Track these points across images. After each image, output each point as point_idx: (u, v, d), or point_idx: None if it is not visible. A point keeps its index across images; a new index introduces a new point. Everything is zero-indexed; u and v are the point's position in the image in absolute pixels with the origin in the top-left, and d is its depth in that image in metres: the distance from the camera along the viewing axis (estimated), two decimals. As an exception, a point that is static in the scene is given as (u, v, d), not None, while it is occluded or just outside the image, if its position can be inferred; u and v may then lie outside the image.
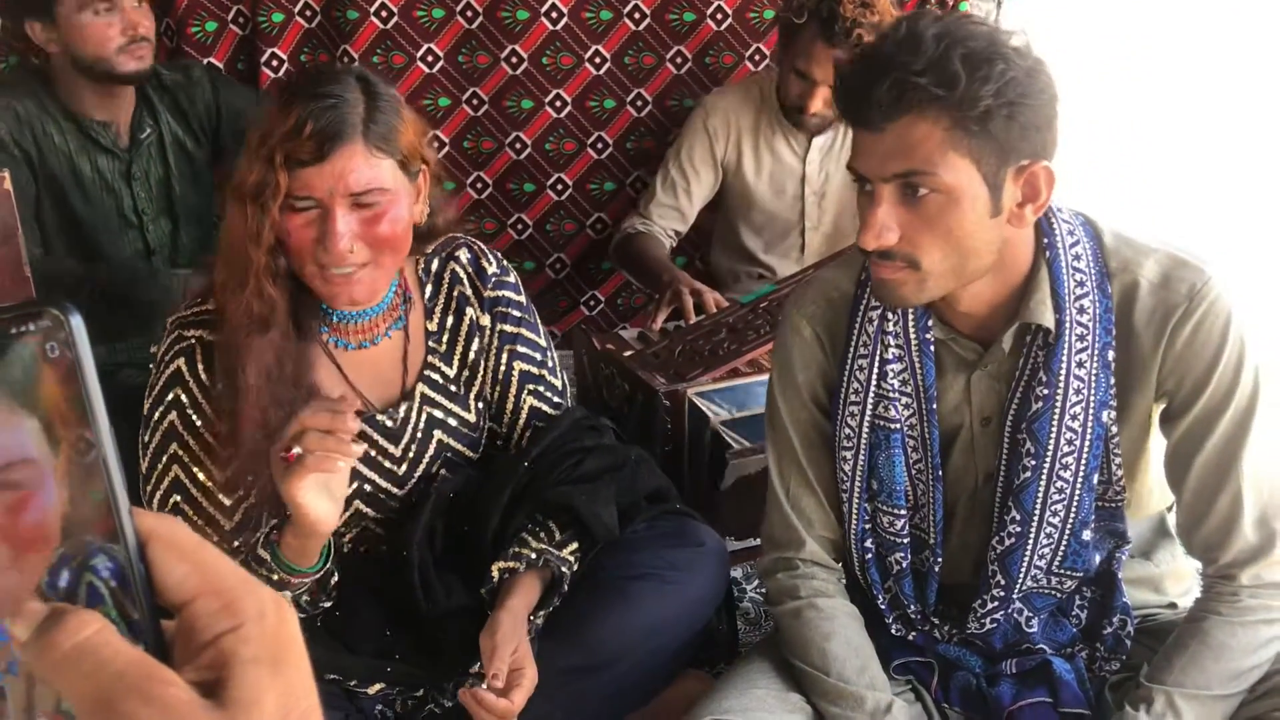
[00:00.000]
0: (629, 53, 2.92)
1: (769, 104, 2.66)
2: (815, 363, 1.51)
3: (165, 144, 2.43)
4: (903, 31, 1.23)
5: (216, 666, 0.41)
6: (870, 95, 1.23)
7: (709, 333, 2.25)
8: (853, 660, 1.44)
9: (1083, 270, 1.36)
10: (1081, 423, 1.36)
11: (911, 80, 1.21)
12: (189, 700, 0.40)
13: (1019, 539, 1.40)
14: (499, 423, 1.73)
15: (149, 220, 2.41)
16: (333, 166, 1.43)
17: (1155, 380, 1.37)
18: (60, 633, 0.40)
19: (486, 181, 2.96)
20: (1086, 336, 1.35)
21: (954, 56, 1.21)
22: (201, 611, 0.42)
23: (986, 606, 1.44)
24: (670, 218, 2.69)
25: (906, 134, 1.24)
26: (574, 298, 3.13)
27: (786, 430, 1.53)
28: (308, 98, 1.44)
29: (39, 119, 2.28)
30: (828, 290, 1.52)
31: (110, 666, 0.40)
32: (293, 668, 0.43)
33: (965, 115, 1.22)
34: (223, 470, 1.50)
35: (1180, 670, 1.37)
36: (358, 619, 1.57)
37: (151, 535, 0.44)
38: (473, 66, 2.84)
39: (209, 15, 2.67)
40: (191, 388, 1.53)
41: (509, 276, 1.74)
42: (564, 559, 1.58)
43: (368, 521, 1.65)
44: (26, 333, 0.42)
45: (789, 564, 1.53)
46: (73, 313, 0.42)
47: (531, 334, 1.73)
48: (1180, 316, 1.34)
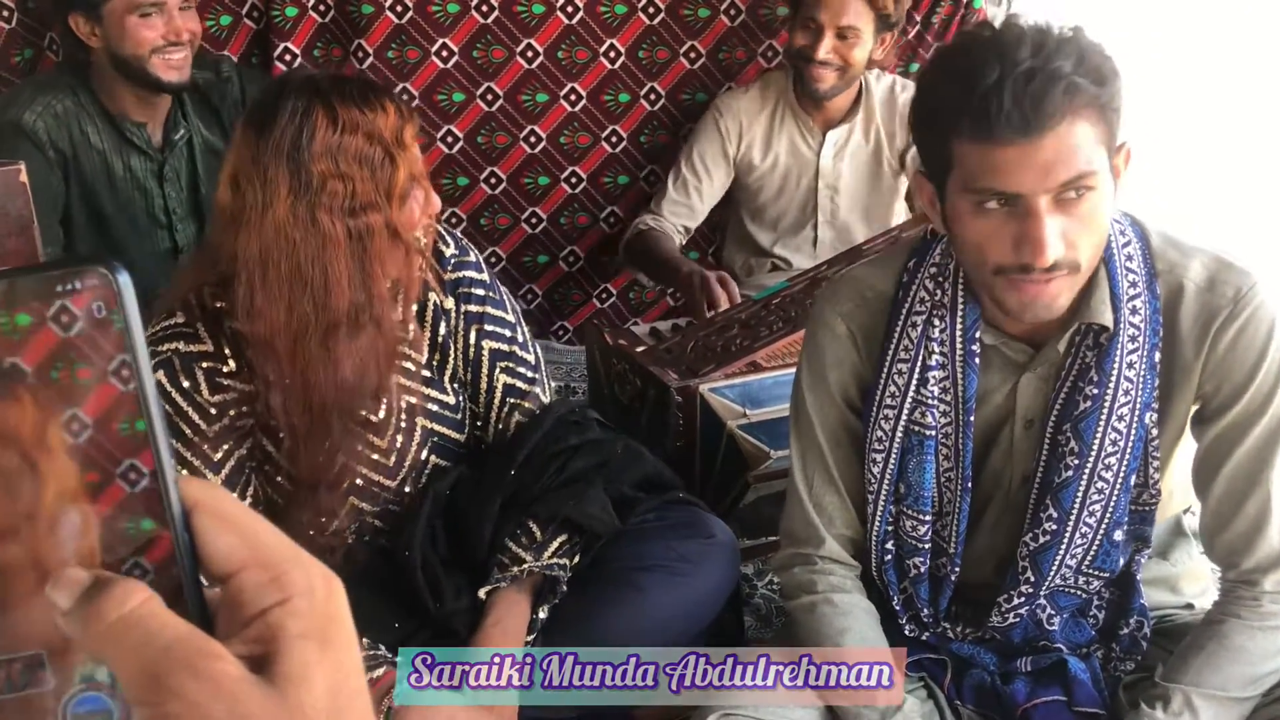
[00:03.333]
0: (643, 47, 2.92)
1: (783, 100, 2.66)
2: (848, 361, 1.49)
3: (195, 146, 2.44)
4: (1037, 36, 1.20)
5: (264, 641, 0.40)
6: (1043, 102, 1.18)
7: (721, 328, 2.25)
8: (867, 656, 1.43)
9: (1134, 270, 1.35)
10: (1127, 424, 1.35)
11: (1075, 82, 1.19)
12: (239, 676, 0.38)
13: (1054, 537, 1.39)
14: (475, 402, 1.73)
15: (178, 220, 2.43)
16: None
17: (1196, 383, 1.37)
18: (107, 602, 0.39)
19: (500, 176, 2.96)
20: (1138, 337, 1.34)
21: (1093, 53, 1.21)
22: (249, 584, 0.41)
23: (1013, 602, 1.44)
24: (682, 215, 2.70)
25: (1067, 138, 1.20)
26: (587, 291, 3.13)
27: (813, 427, 1.51)
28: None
29: (76, 117, 2.29)
30: (863, 289, 1.49)
31: (159, 639, 0.39)
32: (342, 645, 0.41)
33: (1108, 108, 1.22)
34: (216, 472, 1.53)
35: (1197, 671, 1.36)
36: (367, 612, 1.58)
37: (197, 504, 0.42)
38: (487, 61, 2.84)
39: (223, 9, 2.67)
40: (176, 398, 1.53)
41: (469, 255, 1.73)
42: (549, 563, 1.58)
43: (366, 516, 1.66)
44: (72, 291, 0.40)
45: (807, 560, 1.52)
46: (120, 270, 0.41)
47: (497, 310, 1.73)
48: (1224, 320, 1.33)
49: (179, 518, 0.41)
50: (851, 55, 2.50)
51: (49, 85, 2.31)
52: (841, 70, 2.52)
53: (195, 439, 1.53)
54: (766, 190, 2.72)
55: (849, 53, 2.49)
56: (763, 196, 2.73)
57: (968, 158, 1.24)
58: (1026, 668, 1.47)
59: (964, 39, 1.28)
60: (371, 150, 1.48)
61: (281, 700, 0.39)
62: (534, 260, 3.05)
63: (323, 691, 0.40)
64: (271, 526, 0.43)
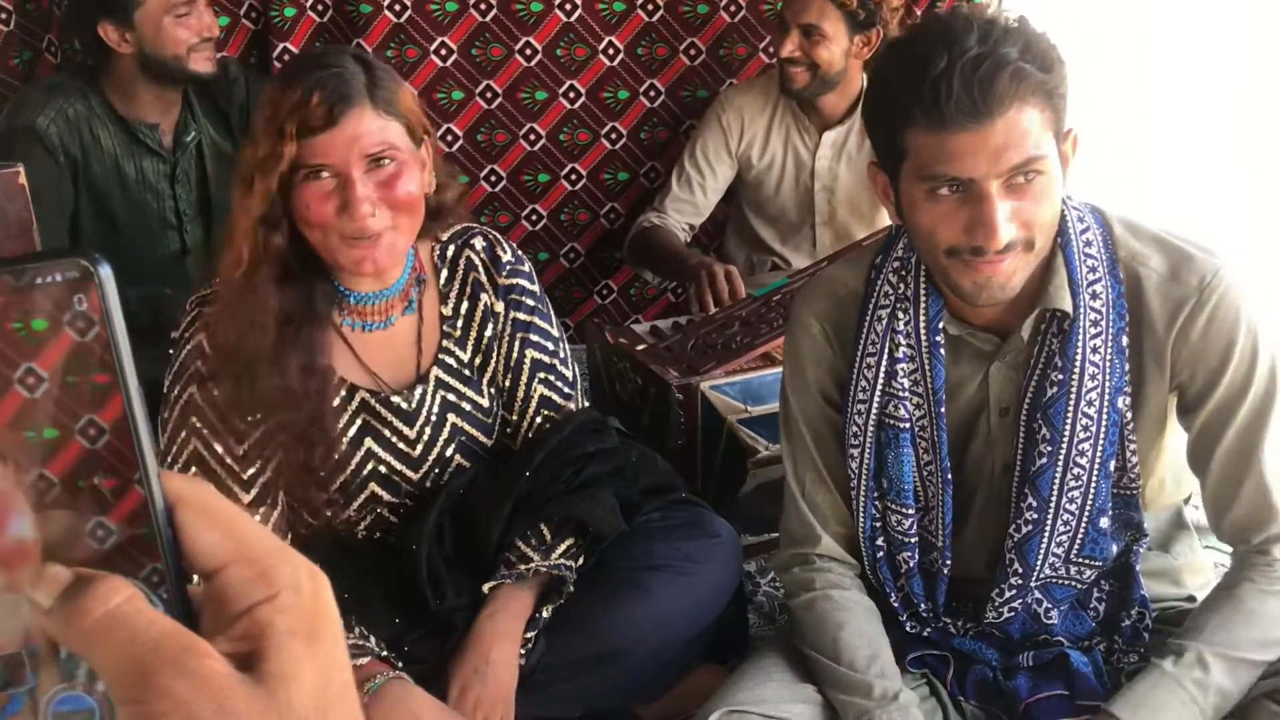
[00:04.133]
0: (642, 44, 2.92)
1: (783, 99, 2.66)
2: (825, 359, 1.51)
3: (204, 147, 2.46)
4: (984, 25, 1.23)
5: (251, 638, 0.39)
6: (991, 88, 1.21)
7: (722, 326, 2.25)
8: (863, 649, 1.44)
9: (1094, 256, 1.37)
10: (1097, 409, 1.37)
11: (1022, 68, 1.21)
12: (226, 674, 0.38)
13: (1036, 525, 1.41)
14: (510, 410, 1.74)
15: (188, 222, 2.44)
16: (344, 130, 1.47)
17: (1170, 372, 1.38)
18: (89, 599, 0.38)
19: (500, 174, 2.96)
20: (1100, 322, 1.36)
21: (1039, 41, 1.23)
22: (234, 580, 0.40)
23: (1004, 595, 1.44)
24: (686, 212, 2.70)
25: (1016, 123, 1.23)
26: (588, 287, 3.14)
27: (800, 427, 1.54)
28: (310, 69, 1.49)
29: (88, 121, 2.31)
30: (835, 287, 1.52)
31: (144, 637, 0.38)
32: (329, 641, 0.41)
33: (1054, 94, 1.25)
34: (240, 443, 1.53)
35: (1211, 630, 1.37)
36: (369, 607, 1.58)
37: (180, 499, 0.41)
38: (486, 59, 2.84)
39: (222, 10, 2.67)
40: (212, 362, 1.55)
41: (524, 266, 1.75)
42: (556, 563, 1.59)
43: (382, 507, 1.67)
44: (51, 284, 0.39)
45: (805, 559, 1.54)
46: (102, 263, 0.39)
47: (544, 323, 1.75)
48: (1192, 309, 1.35)
49: (162, 513, 0.41)
50: (819, 54, 2.48)
51: (60, 89, 2.33)
52: (812, 70, 2.51)
53: (223, 402, 1.55)
54: (766, 187, 2.72)
55: (815, 51, 2.48)
56: (762, 194, 2.74)
57: (920, 146, 1.27)
58: (1029, 662, 1.48)
59: (913, 31, 1.32)
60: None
61: (269, 698, 0.38)
62: (534, 258, 3.04)
63: (310, 688, 0.39)
64: (257, 522, 0.42)
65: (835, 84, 2.56)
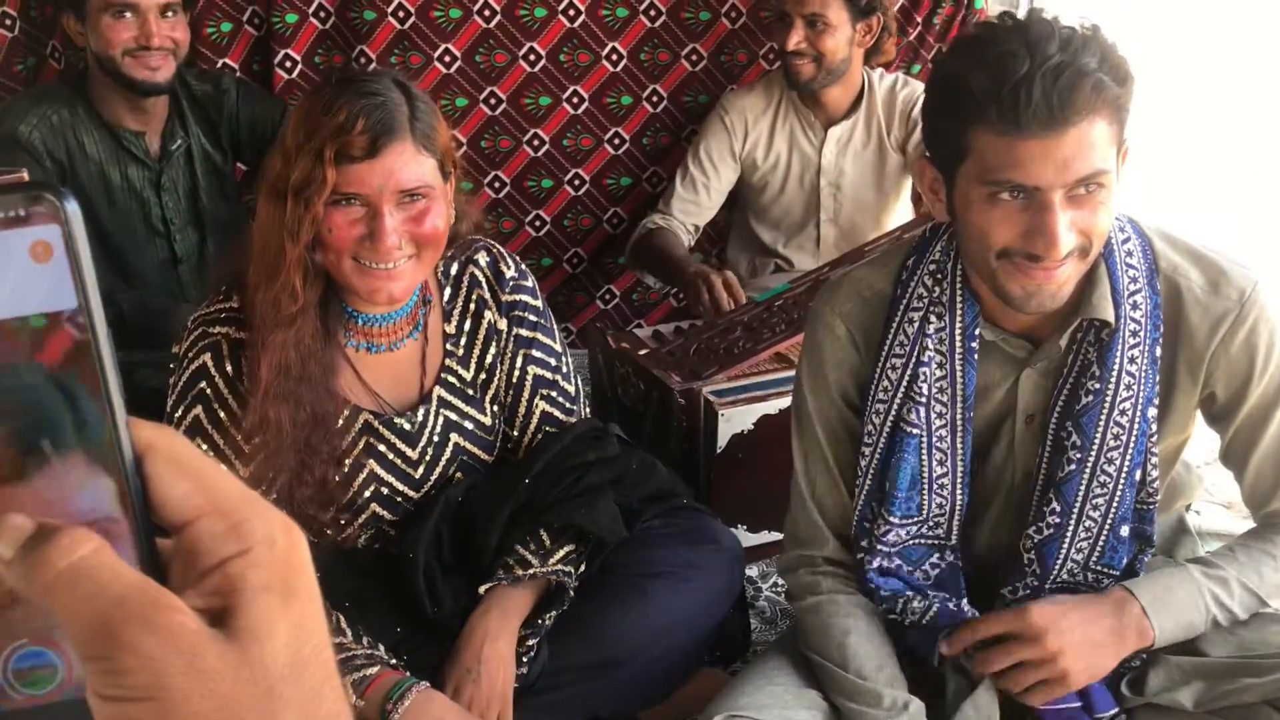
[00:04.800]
0: (645, 50, 2.93)
1: (786, 98, 2.68)
2: (848, 361, 1.50)
3: (194, 156, 2.46)
4: (1065, 32, 1.21)
5: (223, 593, 0.38)
6: (1073, 98, 1.19)
7: (724, 331, 2.26)
8: (871, 657, 1.43)
9: (1135, 267, 1.37)
10: (1130, 419, 1.37)
11: (1101, 79, 1.20)
12: (196, 629, 0.36)
13: (1058, 529, 1.41)
14: (511, 426, 1.74)
15: (176, 230, 2.44)
16: (383, 163, 1.45)
17: (1202, 382, 1.40)
18: (53, 550, 0.36)
19: (504, 180, 2.97)
20: (1139, 333, 1.36)
21: (1113, 52, 1.23)
22: (205, 533, 0.38)
23: (1018, 594, 1.44)
24: (691, 212, 2.71)
25: (1088, 135, 1.21)
26: (590, 292, 3.14)
27: (814, 427, 1.52)
28: (355, 94, 1.46)
29: (72, 127, 2.31)
30: (862, 289, 1.50)
31: (110, 590, 0.36)
32: (304, 598, 0.39)
33: (1122, 109, 1.24)
34: (246, 465, 1.51)
35: (1243, 563, 1.41)
36: (369, 616, 1.59)
37: (150, 447, 0.39)
38: (490, 65, 2.85)
39: (224, 16, 2.68)
40: (218, 383, 1.55)
41: (526, 280, 1.74)
42: (554, 569, 1.58)
43: (383, 524, 1.67)
44: (11, 219, 0.37)
45: (811, 561, 1.53)
46: (69, 198, 0.38)
47: (547, 339, 1.74)
48: (1234, 321, 1.36)
49: (130, 462, 0.39)
50: (824, 44, 2.50)
51: (45, 96, 2.33)
52: (817, 61, 2.52)
53: (231, 427, 1.54)
54: (770, 188, 2.73)
55: (820, 42, 2.49)
56: (766, 195, 2.74)
57: (987, 147, 1.25)
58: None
59: (989, 29, 1.27)
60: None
61: (242, 655, 0.37)
62: (538, 263, 3.05)
63: (284, 646, 0.38)
64: (230, 474, 0.40)
65: (840, 74, 2.57)
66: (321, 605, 0.40)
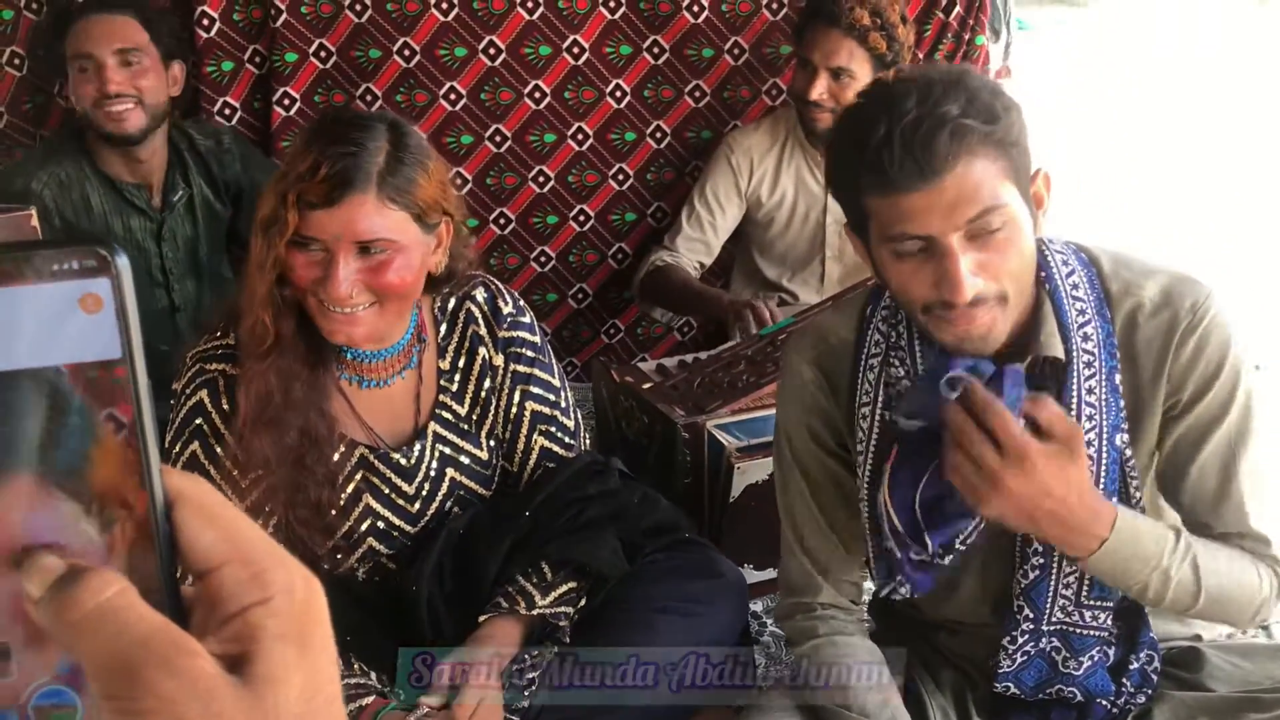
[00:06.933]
0: (648, 86, 2.95)
1: (792, 136, 2.70)
2: (818, 407, 1.51)
3: (195, 206, 2.49)
4: (923, 85, 1.23)
5: (242, 640, 0.39)
6: (932, 148, 1.21)
7: (727, 365, 2.26)
8: (875, 694, 1.43)
9: (1082, 299, 1.37)
10: (1097, 449, 1.36)
11: (963, 123, 1.21)
12: (214, 674, 0.38)
13: (1042, 570, 1.40)
14: (510, 461, 1.74)
15: (175, 280, 2.47)
16: (339, 213, 1.46)
17: (1163, 397, 1.38)
18: (81, 591, 0.38)
19: (510, 216, 2.99)
20: (1093, 363, 1.36)
21: (982, 93, 1.24)
22: (229, 580, 0.40)
23: (1017, 642, 1.43)
24: (697, 251, 2.72)
25: (967, 177, 1.22)
26: (595, 327, 3.15)
27: (795, 474, 1.53)
28: (328, 142, 1.47)
29: (78, 183, 2.35)
30: (826, 335, 1.52)
31: (133, 632, 0.38)
32: (319, 649, 0.40)
33: (1005, 143, 1.25)
34: (242, 500, 1.52)
35: (1202, 548, 1.35)
36: (369, 645, 1.59)
37: (180, 496, 0.41)
38: (495, 103, 2.87)
39: (225, 55, 2.70)
40: (214, 419, 1.56)
41: (524, 317, 1.75)
42: (553, 611, 1.58)
43: (381, 557, 1.67)
44: (66, 271, 0.38)
45: (807, 608, 1.54)
46: (119, 253, 0.39)
47: (545, 374, 1.74)
48: (1185, 330, 1.35)
49: (161, 509, 0.40)
50: (845, 95, 2.51)
51: (53, 153, 2.38)
52: (835, 111, 2.53)
53: (227, 461, 1.55)
54: (775, 225, 2.75)
55: (843, 94, 2.51)
56: (772, 231, 2.76)
57: (877, 209, 1.28)
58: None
59: (858, 98, 1.31)
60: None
61: (256, 701, 0.38)
62: (543, 299, 3.07)
63: (298, 694, 0.39)
64: (254, 524, 0.42)
65: None
66: (335, 656, 0.42)
